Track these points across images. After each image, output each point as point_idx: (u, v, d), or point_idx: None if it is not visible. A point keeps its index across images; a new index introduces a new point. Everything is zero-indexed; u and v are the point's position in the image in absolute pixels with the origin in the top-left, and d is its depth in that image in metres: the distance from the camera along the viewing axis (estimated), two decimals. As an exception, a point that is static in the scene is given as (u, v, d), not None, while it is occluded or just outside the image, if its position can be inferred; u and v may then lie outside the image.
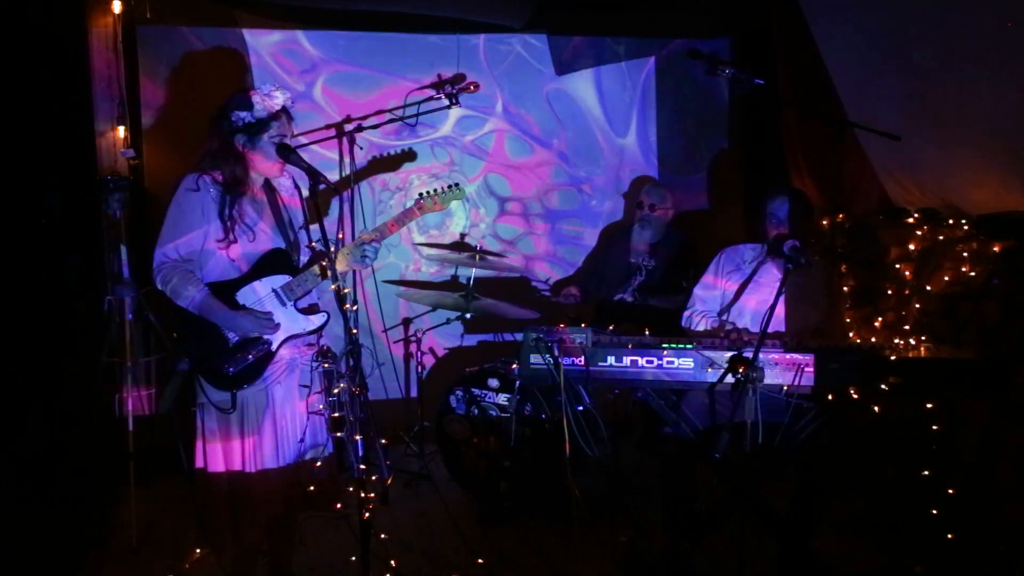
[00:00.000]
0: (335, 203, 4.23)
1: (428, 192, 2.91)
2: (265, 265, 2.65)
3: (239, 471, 2.64)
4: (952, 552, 3.28)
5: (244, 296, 2.63)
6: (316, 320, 2.72)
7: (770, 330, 2.78)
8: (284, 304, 2.67)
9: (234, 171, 2.62)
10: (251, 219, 2.64)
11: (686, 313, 3.47)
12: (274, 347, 2.65)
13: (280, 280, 2.66)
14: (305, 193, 2.70)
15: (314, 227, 2.69)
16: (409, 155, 4.87)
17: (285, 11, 4.61)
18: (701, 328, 3.37)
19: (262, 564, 2.96)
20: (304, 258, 2.81)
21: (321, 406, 2.71)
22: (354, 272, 3.72)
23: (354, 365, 2.51)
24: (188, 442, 2.76)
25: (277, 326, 2.64)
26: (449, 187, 2.94)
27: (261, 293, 2.64)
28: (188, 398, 2.72)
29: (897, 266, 4.00)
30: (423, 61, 4.87)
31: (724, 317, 3.33)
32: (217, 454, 2.66)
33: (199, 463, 2.69)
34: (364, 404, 2.56)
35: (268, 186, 2.76)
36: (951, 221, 3.74)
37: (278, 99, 2.62)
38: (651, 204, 4.31)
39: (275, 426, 2.66)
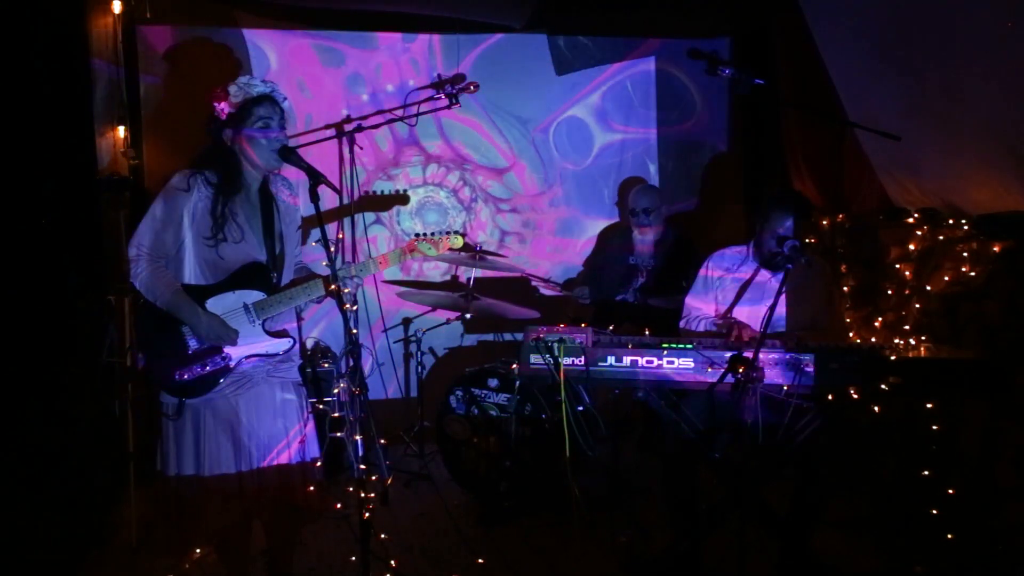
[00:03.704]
0: (335, 203, 4.23)
1: (425, 234, 2.79)
2: (242, 277, 2.61)
3: (192, 475, 2.58)
4: (952, 552, 3.28)
5: (214, 305, 2.59)
6: (280, 345, 2.67)
7: (770, 331, 2.78)
8: (252, 321, 2.62)
9: (227, 169, 2.60)
10: (239, 221, 2.60)
11: (681, 323, 3.47)
12: (232, 363, 2.61)
13: (253, 296, 2.62)
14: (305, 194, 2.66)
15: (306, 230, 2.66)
16: (403, 198, 4.93)
17: (285, 11, 4.61)
18: (701, 329, 3.37)
19: (262, 564, 2.97)
20: (287, 271, 2.76)
21: (321, 406, 2.70)
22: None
23: (354, 365, 2.50)
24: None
25: (235, 341, 2.59)
26: (447, 233, 2.81)
27: (231, 305, 2.60)
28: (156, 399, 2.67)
29: (897, 266, 4.00)
30: (423, 60, 4.88)
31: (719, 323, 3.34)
32: (169, 458, 2.62)
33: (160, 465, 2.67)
34: (364, 404, 2.55)
35: (265, 193, 2.71)
36: (951, 221, 3.73)
37: (257, 87, 2.61)
38: (644, 208, 4.30)
39: (234, 434, 2.60)
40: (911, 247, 3.94)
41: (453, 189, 5.08)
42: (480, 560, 3.31)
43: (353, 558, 2.96)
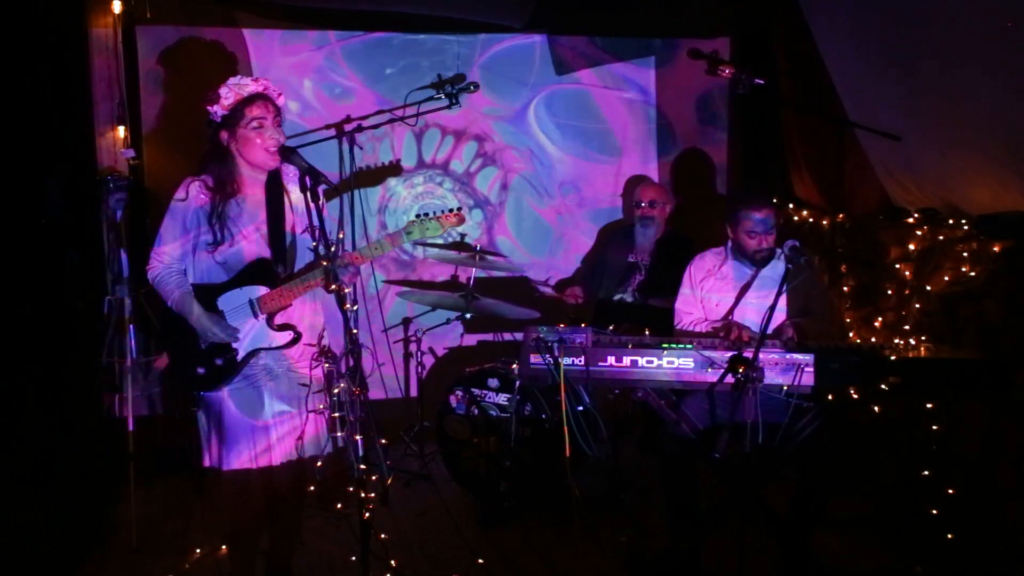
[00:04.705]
0: (335, 203, 4.23)
1: (421, 216, 2.64)
2: (248, 274, 2.64)
3: (211, 468, 2.70)
4: (952, 552, 3.28)
5: (225, 302, 2.64)
6: (283, 338, 2.68)
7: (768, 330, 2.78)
8: (256, 316, 2.65)
9: (220, 172, 2.63)
10: (237, 222, 2.63)
11: (676, 330, 3.48)
12: (239, 357, 2.64)
13: (257, 291, 2.64)
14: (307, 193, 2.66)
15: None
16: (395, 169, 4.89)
17: (285, 11, 4.60)
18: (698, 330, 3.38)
19: (261, 564, 2.97)
20: (300, 264, 2.76)
21: (321, 405, 2.71)
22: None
23: (354, 365, 2.50)
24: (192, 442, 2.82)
25: (237, 337, 2.63)
26: (450, 211, 2.66)
27: (237, 302, 2.64)
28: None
29: (897, 266, 4.00)
30: (423, 60, 4.89)
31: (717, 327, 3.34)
32: (203, 451, 2.74)
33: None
34: (364, 404, 2.55)
35: (274, 186, 2.71)
36: (951, 221, 3.74)
37: (248, 86, 2.62)
38: (651, 201, 4.30)
39: (255, 427, 2.64)
40: (911, 247, 3.94)
41: (460, 180, 5.07)
42: (480, 560, 3.32)
43: (353, 558, 2.96)
